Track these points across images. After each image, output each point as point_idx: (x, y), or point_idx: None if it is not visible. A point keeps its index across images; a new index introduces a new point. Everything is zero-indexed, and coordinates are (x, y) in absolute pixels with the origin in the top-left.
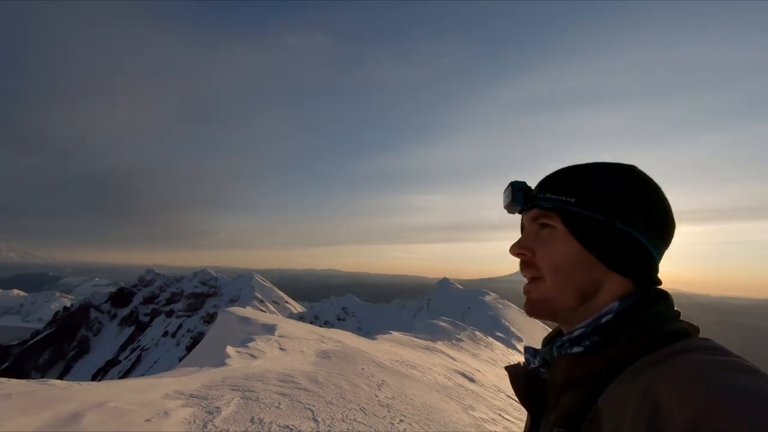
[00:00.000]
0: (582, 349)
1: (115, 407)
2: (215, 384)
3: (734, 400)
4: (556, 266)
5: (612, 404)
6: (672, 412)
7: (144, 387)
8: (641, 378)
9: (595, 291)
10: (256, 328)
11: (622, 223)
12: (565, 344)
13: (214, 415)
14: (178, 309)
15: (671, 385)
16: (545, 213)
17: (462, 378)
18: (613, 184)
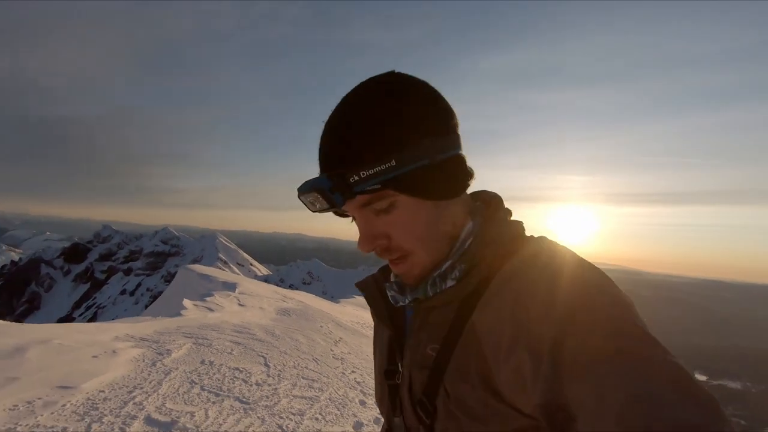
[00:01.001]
0: (454, 282)
1: (60, 344)
2: (168, 331)
3: (589, 292)
4: (420, 236)
5: (486, 321)
6: (539, 314)
7: (92, 330)
8: (506, 291)
9: (455, 226)
10: (217, 285)
11: (442, 151)
12: (436, 281)
13: (164, 356)
14: (137, 267)
15: (536, 292)
16: (374, 196)
17: None
18: (412, 116)
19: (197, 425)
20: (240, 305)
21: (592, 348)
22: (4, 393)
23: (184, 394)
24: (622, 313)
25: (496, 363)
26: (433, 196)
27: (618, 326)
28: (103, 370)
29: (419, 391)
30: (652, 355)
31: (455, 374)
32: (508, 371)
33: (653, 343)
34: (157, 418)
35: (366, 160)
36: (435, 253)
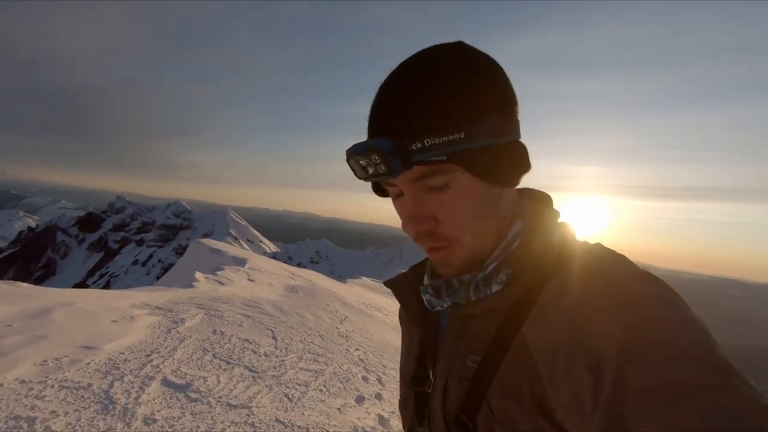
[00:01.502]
0: (500, 286)
1: (83, 308)
2: (182, 301)
3: (655, 311)
4: (470, 223)
5: (540, 337)
6: (601, 332)
7: (112, 296)
8: (561, 303)
9: (503, 221)
10: (227, 259)
11: (507, 133)
12: (479, 285)
13: (178, 324)
14: (149, 239)
15: (596, 307)
16: (435, 169)
17: None
18: (483, 90)
19: (210, 389)
20: (249, 280)
21: (663, 378)
22: (34, 349)
23: (197, 360)
24: (698, 338)
25: (552, 382)
26: (494, 179)
27: (694, 353)
28: (122, 334)
29: (455, 405)
30: (734, 391)
31: (502, 391)
32: (565, 393)
33: (734, 374)
34: (173, 380)
35: (434, 127)
36: (480, 246)
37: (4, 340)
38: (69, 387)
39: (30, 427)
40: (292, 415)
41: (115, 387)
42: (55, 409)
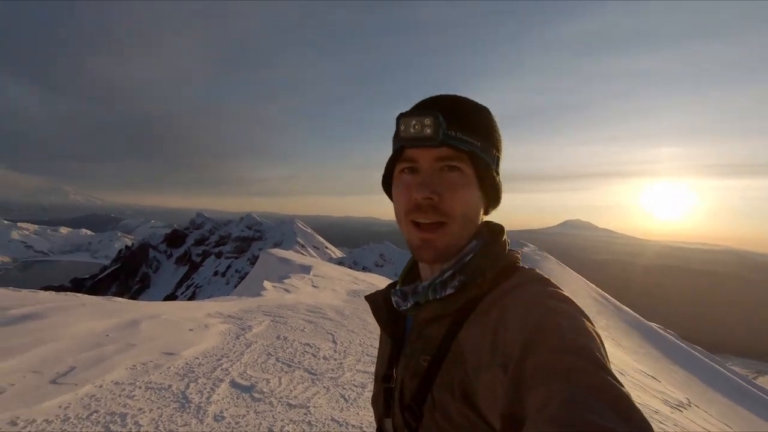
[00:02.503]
0: (453, 290)
1: (166, 319)
2: (251, 309)
3: (555, 319)
4: (465, 212)
5: (471, 338)
6: (513, 336)
7: (190, 307)
8: (492, 313)
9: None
10: (294, 267)
11: (497, 165)
12: (436, 287)
13: (246, 331)
14: (226, 251)
15: (515, 316)
16: (457, 154)
17: None
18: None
19: (272, 390)
20: (314, 287)
21: (549, 364)
22: (126, 356)
23: (261, 364)
24: (584, 341)
25: (476, 377)
26: (486, 191)
27: (577, 350)
28: (197, 341)
29: (409, 397)
30: (600, 376)
31: (441, 384)
32: (482, 385)
33: (606, 370)
34: (239, 382)
35: (465, 127)
36: (462, 236)
37: (104, 348)
38: (153, 388)
39: (122, 421)
40: (347, 414)
41: (191, 388)
42: (142, 407)
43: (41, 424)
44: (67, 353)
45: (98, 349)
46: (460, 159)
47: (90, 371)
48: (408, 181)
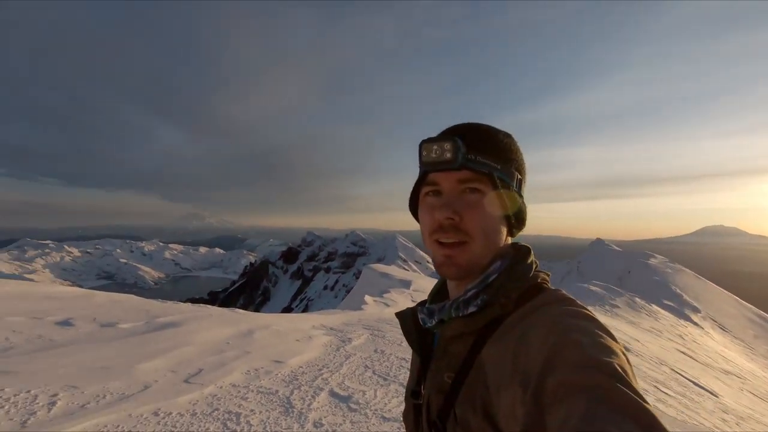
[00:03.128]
0: (475, 308)
1: (276, 329)
2: (351, 323)
3: (575, 336)
4: (485, 231)
5: (493, 356)
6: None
7: (297, 319)
8: (514, 332)
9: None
10: (394, 282)
11: (520, 188)
12: (460, 306)
13: (347, 343)
14: (334, 266)
15: (536, 335)
16: (477, 176)
17: None
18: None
19: (367, 402)
20: (413, 301)
21: (569, 381)
22: (242, 361)
23: (359, 376)
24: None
25: (496, 394)
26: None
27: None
28: (302, 351)
29: (434, 413)
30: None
31: (464, 401)
32: (503, 403)
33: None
34: (338, 392)
35: (485, 151)
36: (482, 255)
37: (224, 354)
38: (263, 392)
39: (237, 419)
40: None
41: (294, 394)
42: (253, 409)
43: (175, 417)
44: (197, 357)
45: (220, 355)
46: (480, 181)
47: (213, 373)
48: (432, 203)
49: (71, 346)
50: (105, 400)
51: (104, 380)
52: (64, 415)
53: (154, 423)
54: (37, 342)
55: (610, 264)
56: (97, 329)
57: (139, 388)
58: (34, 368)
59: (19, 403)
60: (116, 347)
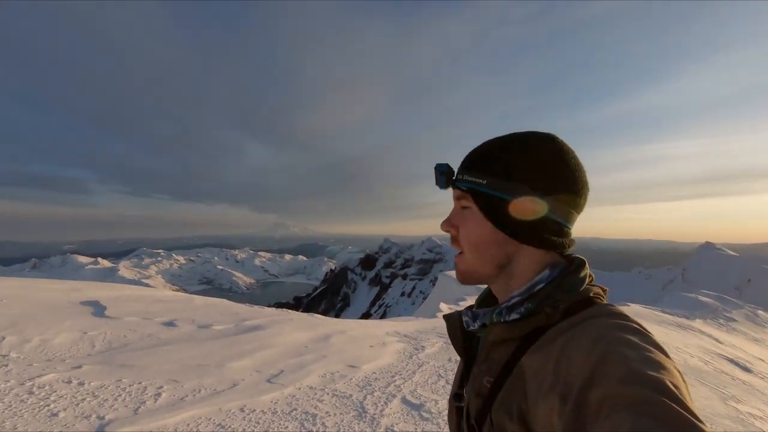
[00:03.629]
0: (518, 315)
1: (351, 335)
2: (425, 330)
3: (621, 350)
4: (473, 244)
5: (533, 364)
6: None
7: (372, 326)
8: (557, 342)
9: (509, 261)
10: (470, 289)
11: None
12: (502, 311)
13: (420, 351)
14: (410, 273)
15: (580, 346)
16: (463, 194)
17: (728, 364)
18: (518, 162)
19: (440, 411)
20: None
21: (614, 396)
22: (319, 365)
23: (432, 384)
24: (654, 373)
25: (534, 403)
26: (499, 225)
27: (645, 381)
28: (376, 356)
29: (473, 416)
30: (671, 408)
31: (501, 406)
32: (540, 413)
33: (681, 404)
34: (410, 400)
35: (472, 168)
36: (480, 268)
37: (303, 357)
38: (338, 395)
39: (313, 420)
40: None
41: (367, 399)
42: (329, 411)
43: (258, 414)
44: (279, 358)
45: (300, 357)
46: (466, 198)
47: (293, 375)
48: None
49: (174, 345)
50: (200, 395)
51: (200, 376)
52: (167, 406)
53: (240, 418)
54: (148, 340)
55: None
56: (195, 330)
57: (228, 385)
58: (145, 363)
59: (133, 393)
60: (210, 347)
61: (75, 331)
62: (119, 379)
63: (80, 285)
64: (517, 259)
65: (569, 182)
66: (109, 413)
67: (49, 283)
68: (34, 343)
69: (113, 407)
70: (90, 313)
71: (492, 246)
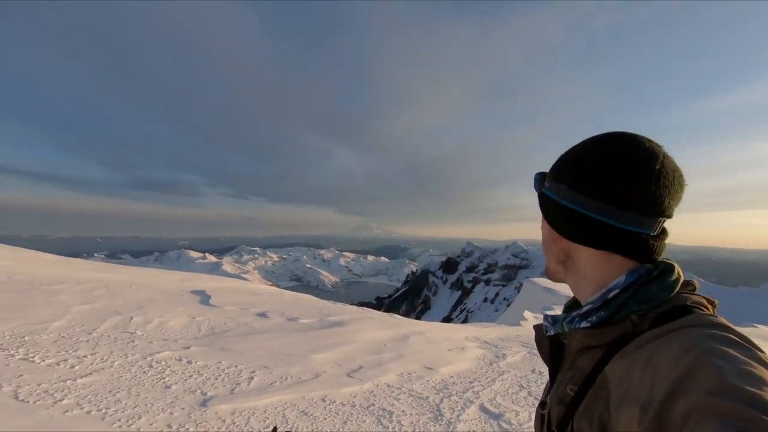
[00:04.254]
0: (589, 324)
1: (429, 337)
2: (508, 338)
3: (714, 361)
4: (543, 242)
5: (617, 372)
6: (662, 375)
7: (451, 329)
8: (644, 350)
9: (567, 256)
10: (560, 298)
11: (569, 200)
12: (575, 319)
13: (500, 359)
14: (494, 278)
15: (668, 355)
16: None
17: None
18: (567, 163)
19: (520, 423)
20: None
21: (703, 408)
22: (397, 364)
23: (512, 395)
24: (752, 387)
25: (616, 412)
26: (550, 223)
27: (740, 395)
28: (454, 360)
29: (554, 423)
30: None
31: (583, 414)
32: (621, 422)
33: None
34: (488, 408)
35: (550, 173)
36: (549, 263)
37: (382, 354)
38: (414, 396)
39: (390, 417)
40: None
41: (444, 403)
42: (405, 410)
43: (338, 405)
44: (358, 354)
45: (378, 355)
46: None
47: (371, 371)
48: None
49: (266, 334)
50: (287, 382)
51: (287, 365)
52: (258, 389)
53: (321, 407)
54: (244, 328)
55: None
56: (284, 322)
57: (312, 375)
58: (241, 348)
59: (230, 375)
60: (297, 338)
61: (185, 315)
62: (219, 361)
63: (190, 276)
64: (577, 258)
65: (621, 183)
66: (211, 390)
67: (167, 273)
68: (154, 324)
69: (214, 385)
70: (197, 301)
71: (551, 243)
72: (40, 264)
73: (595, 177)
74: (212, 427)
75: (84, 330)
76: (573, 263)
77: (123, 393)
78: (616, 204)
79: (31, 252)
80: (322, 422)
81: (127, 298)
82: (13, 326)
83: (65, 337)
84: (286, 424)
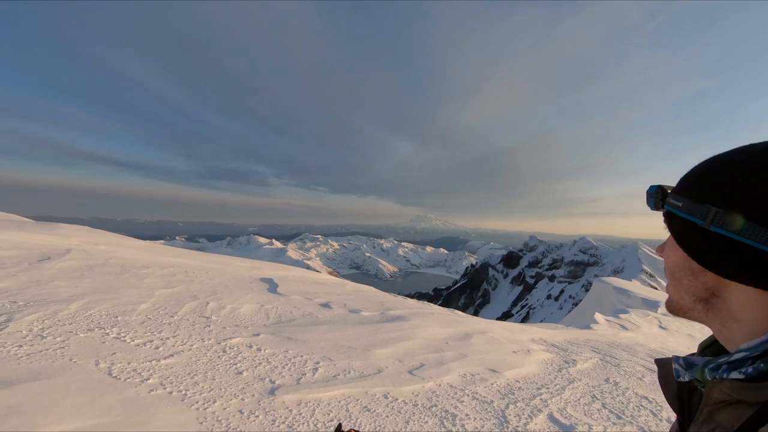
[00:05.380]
0: (743, 376)
1: (492, 337)
2: (577, 342)
3: None
4: (669, 271)
5: None
6: None
7: (516, 329)
8: None
9: (712, 295)
10: (635, 301)
11: (721, 226)
12: (721, 367)
13: (570, 365)
14: (559, 275)
15: None
16: (666, 218)
17: None
18: (715, 182)
19: None
20: (661, 327)
21: None
22: (459, 364)
23: (584, 406)
24: None
25: None
26: (691, 252)
27: None
28: (519, 364)
29: None
30: None
31: None
32: None
33: None
34: (558, 418)
35: (677, 191)
36: (679, 299)
37: (443, 353)
38: (478, 399)
39: (453, 420)
40: None
41: (509, 409)
42: (468, 414)
43: (400, 403)
44: (420, 351)
45: (440, 353)
46: (666, 222)
47: (433, 370)
48: None
49: (329, 325)
50: (350, 375)
51: (350, 358)
52: (322, 380)
53: (383, 404)
54: (308, 318)
55: None
56: (346, 313)
57: (374, 370)
58: (306, 338)
59: (297, 364)
60: (359, 331)
61: (255, 303)
62: (286, 350)
63: (259, 264)
64: (729, 297)
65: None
66: (279, 379)
67: (238, 260)
68: (227, 310)
69: (281, 374)
70: (266, 289)
71: (686, 275)
72: (131, 249)
73: (755, 200)
74: (280, 416)
75: (167, 313)
76: (721, 303)
77: (200, 376)
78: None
79: (122, 237)
80: (385, 420)
81: (204, 284)
82: (108, 306)
83: (151, 319)
84: (349, 419)
